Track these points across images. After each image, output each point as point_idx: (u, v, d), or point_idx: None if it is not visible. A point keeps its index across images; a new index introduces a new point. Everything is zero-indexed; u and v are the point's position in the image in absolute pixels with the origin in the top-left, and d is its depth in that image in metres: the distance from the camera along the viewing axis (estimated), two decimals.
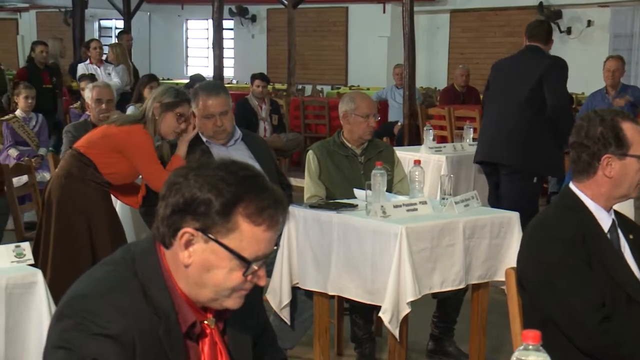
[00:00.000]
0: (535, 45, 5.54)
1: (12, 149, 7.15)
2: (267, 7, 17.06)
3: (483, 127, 5.82)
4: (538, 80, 5.34)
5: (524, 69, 5.48)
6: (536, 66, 5.40)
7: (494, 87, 5.71)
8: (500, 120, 5.50)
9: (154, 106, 4.02)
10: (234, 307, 1.68)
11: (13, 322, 2.68)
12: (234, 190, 1.59)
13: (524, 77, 5.43)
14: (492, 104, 5.71)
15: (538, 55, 5.51)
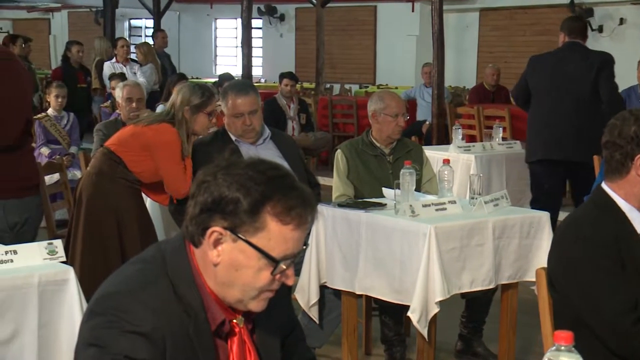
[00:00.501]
0: (577, 41, 5.53)
1: (44, 147, 7.23)
2: (296, 6, 17.07)
3: (538, 124, 5.64)
4: (596, 75, 5.34)
5: (577, 65, 5.45)
6: (590, 62, 5.39)
7: (539, 83, 5.64)
8: (565, 117, 5.44)
9: (184, 109, 4.05)
10: (258, 311, 1.68)
11: (45, 319, 2.70)
12: (262, 190, 1.59)
13: (580, 73, 5.41)
14: (543, 100, 5.63)
15: (586, 50, 5.52)
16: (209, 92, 4.15)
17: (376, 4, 16.36)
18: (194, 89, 4.12)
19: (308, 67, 15.24)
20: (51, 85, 7.64)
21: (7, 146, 3.30)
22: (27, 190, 3.42)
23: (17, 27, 20.65)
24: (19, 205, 3.36)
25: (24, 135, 3.39)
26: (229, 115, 4.13)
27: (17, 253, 2.76)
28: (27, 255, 2.78)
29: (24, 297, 2.67)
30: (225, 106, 4.13)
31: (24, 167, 3.42)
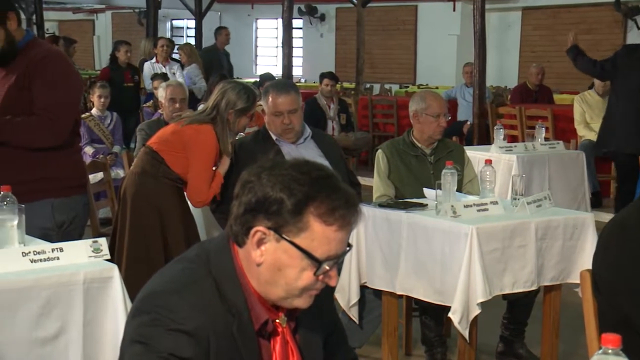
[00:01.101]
0: None
1: (88, 146, 7.33)
2: (336, 6, 17.08)
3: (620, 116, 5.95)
4: None
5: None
6: None
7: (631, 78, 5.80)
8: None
9: (229, 112, 4.06)
10: (304, 307, 1.68)
11: (90, 316, 2.74)
12: (306, 190, 1.60)
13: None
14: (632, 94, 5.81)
15: None
16: (253, 95, 4.16)
17: (417, 3, 16.30)
18: (239, 92, 4.11)
19: (348, 67, 15.24)
20: (95, 86, 7.75)
21: (57, 145, 3.36)
22: (75, 189, 3.47)
23: (63, 28, 20.98)
24: (66, 204, 3.41)
25: (72, 135, 3.45)
26: (269, 113, 4.14)
27: (63, 251, 2.80)
28: (73, 253, 2.82)
29: (70, 294, 2.70)
30: (265, 105, 4.15)
31: (72, 167, 3.48)
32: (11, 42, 3.31)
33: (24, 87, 3.31)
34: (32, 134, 3.29)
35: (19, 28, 3.37)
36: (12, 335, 2.59)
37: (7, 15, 3.29)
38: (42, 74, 3.30)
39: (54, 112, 3.30)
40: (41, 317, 2.64)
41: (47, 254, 2.77)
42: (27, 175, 3.31)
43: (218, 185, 4.04)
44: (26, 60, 3.33)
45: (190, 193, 4.06)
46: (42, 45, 3.46)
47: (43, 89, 3.30)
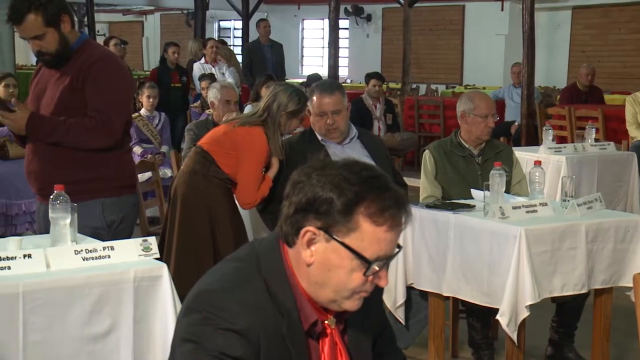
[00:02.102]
0: None
1: (137, 146, 7.42)
2: (383, 6, 17.03)
3: None
4: None
5: None
6: None
7: None
8: None
9: (280, 115, 4.08)
10: (352, 310, 1.68)
11: (140, 315, 2.77)
12: (356, 190, 1.60)
13: None
14: None
15: None
16: (304, 97, 4.17)
17: (464, 3, 16.17)
18: (291, 94, 4.11)
19: (394, 67, 15.19)
20: (143, 86, 7.85)
21: (108, 146, 3.40)
22: (125, 189, 3.51)
23: (113, 29, 21.29)
24: (116, 204, 3.45)
25: (123, 136, 3.50)
26: (314, 114, 4.15)
27: (114, 249, 2.84)
28: (124, 252, 2.86)
29: (120, 292, 2.74)
30: (311, 105, 4.16)
31: (123, 167, 3.52)
32: (65, 45, 3.36)
33: (77, 88, 3.36)
34: (86, 135, 3.34)
35: (73, 30, 3.42)
36: (64, 332, 2.64)
37: (61, 18, 3.34)
38: (95, 76, 3.35)
39: (106, 113, 3.34)
40: (93, 315, 2.69)
41: (99, 252, 2.81)
42: (79, 175, 3.36)
43: (267, 188, 4.06)
44: (79, 62, 3.38)
45: (239, 195, 4.08)
46: (95, 47, 3.51)
47: (96, 91, 3.34)
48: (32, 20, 3.28)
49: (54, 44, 3.33)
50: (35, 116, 3.35)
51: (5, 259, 2.63)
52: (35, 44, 3.36)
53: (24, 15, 3.28)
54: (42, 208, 3.44)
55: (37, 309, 2.58)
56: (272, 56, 10.97)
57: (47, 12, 3.28)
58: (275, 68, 10.59)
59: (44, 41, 3.33)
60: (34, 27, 3.30)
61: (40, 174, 3.43)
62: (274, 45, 11.14)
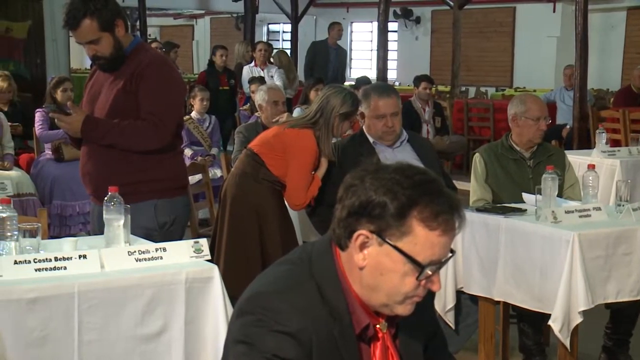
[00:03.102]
0: None
1: (187, 148, 7.50)
2: (432, 8, 16.94)
3: None
4: None
5: None
6: None
7: None
8: None
9: (334, 117, 4.09)
10: (405, 314, 1.68)
11: (191, 315, 2.80)
12: (409, 194, 1.59)
13: None
14: None
15: None
16: (356, 99, 4.18)
17: (515, 4, 15.99)
18: (344, 97, 4.12)
19: (443, 70, 15.09)
20: (195, 89, 7.93)
21: (161, 148, 3.45)
22: (176, 190, 3.55)
23: (164, 33, 21.57)
24: (168, 205, 3.49)
25: (175, 138, 3.54)
26: (371, 116, 4.14)
27: (166, 250, 2.88)
28: (175, 253, 2.89)
29: (172, 293, 2.78)
30: (367, 107, 4.15)
31: (174, 169, 3.56)
32: (119, 49, 3.42)
33: (130, 91, 3.41)
34: (138, 137, 3.39)
35: (127, 34, 3.48)
36: (118, 331, 2.68)
37: (116, 22, 3.40)
38: (148, 79, 3.40)
39: (158, 116, 3.39)
40: (145, 315, 2.73)
41: (151, 253, 2.85)
42: (132, 177, 3.40)
43: (316, 188, 4.08)
44: (133, 65, 3.43)
45: (288, 196, 4.10)
46: (148, 51, 3.56)
47: (148, 94, 3.39)
48: (88, 25, 3.35)
49: (109, 48, 3.39)
50: (90, 119, 3.41)
51: (62, 259, 2.68)
52: (90, 49, 3.42)
53: (79, 21, 3.34)
54: (96, 209, 3.49)
55: (92, 308, 2.63)
56: (336, 59, 11.02)
57: (102, 17, 3.35)
58: (336, 71, 10.65)
59: (99, 45, 3.39)
60: (89, 32, 3.36)
61: (94, 175, 3.49)
62: (339, 50, 11.21)
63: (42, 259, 2.66)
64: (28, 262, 2.63)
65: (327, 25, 11.06)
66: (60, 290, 2.60)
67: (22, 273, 2.60)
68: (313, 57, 10.93)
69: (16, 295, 2.52)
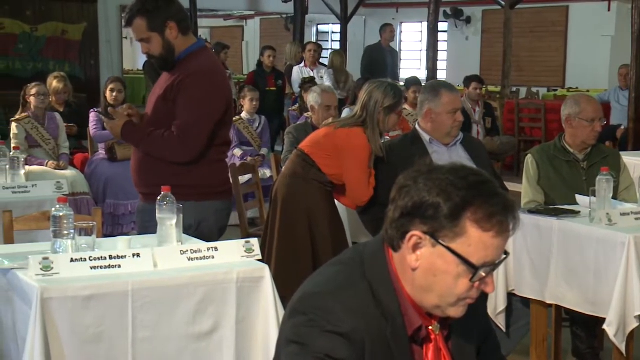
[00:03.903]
0: None
1: (237, 149, 7.56)
2: (483, 8, 16.79)
3: None
4: None
5: None
6: None
7: None
8: None
9: (378, 111, 4.08)
10: (457, 316, 1.67)
11: (242, 315, 2.82)
12: (463, 195, 1.59)
13: None
14: None
15: None
16: (399, 91, 4.20)
17: (568, 4, 15.75)
18: (386, 89, 4.13)
19: (493, 70, 14.94)
20: (245, 90, 7.99)
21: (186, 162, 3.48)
22: (204, 195, 3.53)
23: (214, 34, 21.76)
24: (193, 209, 3.41)
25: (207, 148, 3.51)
26: (442, 112, 4.12)
27: (218, 250, 2.91)
28: (227, 253, 2.92)
29: (224, 292, 2.80)
30: (438, 103, 4.11)
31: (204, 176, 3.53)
32: (169, 50, 3.49)
33: (169, 99, 3.48)
34: (164, 149, 3.47)
35: (185, 38, 3.53)
36: (171, 329, 2.71)
37: (167, 25, 3.47)
38: (186, 90, 3.44)
39: (186, 131, 3.42)
40: (197, 314, 2.76)
41: (203, 252, 2.88)
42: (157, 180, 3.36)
43: (374, 180, 4.09)
44: (177, 73, 3.49)
45: (351, 194, 4.10)
46: (197, 59, 3.54)
47: (183, 106, 3.44)
48: (138, 24, 3.48)
49: (158, 48, 3.49)
50: (128, 125, 3.52)
51: (116, 258, 2.73)
52: (143, 46, 3.56)
53: (132, 19, 3.49)
54: (139, 206, 3.67)
55: (145, 306, 2.67)
56: (391, 61, 11.06)
57: (152, 18, 3.45)
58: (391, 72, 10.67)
59: (150, 44, 3.50)
60: (139, 31, 3.49)
61: (134, 174, 3.64)
62: (392, 50, 11.24)
63: (97, 257, 2.71)
64: (84, 260, 2.68)
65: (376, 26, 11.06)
66: (114, 288, 2.64)
67: (78, 271, 2.66)
68: (370, 60, 10.92)
69: (72, 293, 2.57)
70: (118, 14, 11.00)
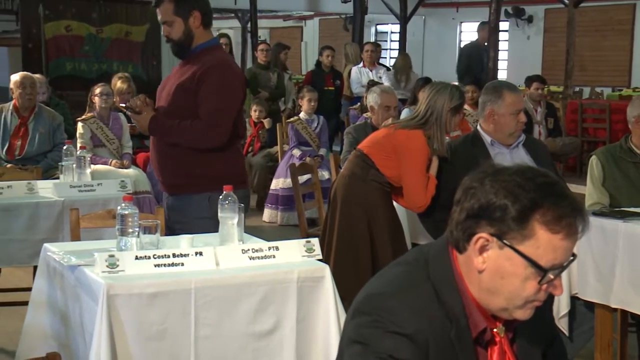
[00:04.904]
0: None
1: (296, 149, 7.60)
2: (546, 7, 16.53)
3: None
4: None
5: None
6: None
7: None
8: None
9: (445, 111, 4.06)
10: (524, 319, 1.65)
11: (303, 314, 2.83)
12: (531, 197, 1.57)
13: None
14: None
15: None
16: (462, 92, 4.19)
17: (635, 2, 15.41)
18: (451, 91, 4.10)
19: (556, 70, 14.70)
20: (303, 90, 8.03)
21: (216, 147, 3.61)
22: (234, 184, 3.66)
23: (274, 35, 21.91)
24: None
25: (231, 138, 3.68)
26: (505, 113, 4.07)
27: (279, 249, 2.93)
28: (288, 252, 2.93)
29: (285, 292, 2.82)
30: (501, 104, 4.07)
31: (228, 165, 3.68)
32: (188, 37, 3.65)
33: (190, 90, 3.60)
34: (196, 137, 3.58)
35: (205, 31, 3.68)
36: (232, 328, 2.74)
37: (192, 13, 3.63)
38: (209, 82, 3.58)
39: (216, 118, 3.57)
40: (258, 312, 2.78)
41: (264, 252, 2.90)
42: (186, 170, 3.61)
43: (433, 187, 4.06)
44: (198, 65, 3.62)
45: (408, 199, 4.09)
46: (215, 53, 3.73)
47: (209, 95, 3.57)
48: (166, 6, 3.64)
49: (179, 33, 3.64)
50: (155, 119, 3.63)
51: (179, 256, 2.77)
52: (165, 29, 3.69)
53: (161, 1, 3.64)
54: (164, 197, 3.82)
55: (208, 304, 2.70)
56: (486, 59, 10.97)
57: (180, 3, 3.61)
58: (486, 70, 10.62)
59: (172, 28, 3.65)
60: (165, 13, 3.64)
61: (157, 165, 3.75)
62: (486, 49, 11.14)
63: (161, 255, 2.75)
64: (148, 258, 2.73)
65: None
66: (178, 286, 2.68)
67: (142, 268, 2.70)
68: (467, 60, 10.83)
69: (137, 290, 2.61)
70: None
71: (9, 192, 4.11)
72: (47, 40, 9.60)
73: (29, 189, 4.19)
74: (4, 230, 3.95)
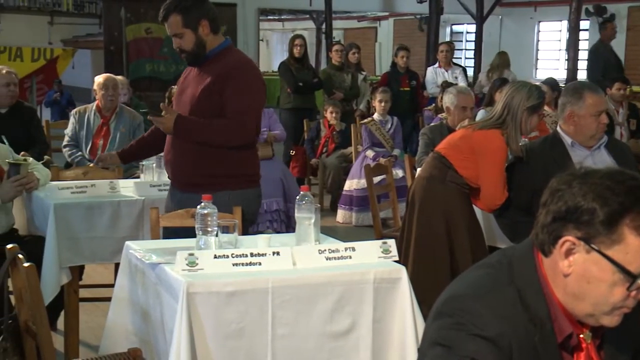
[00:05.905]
0: None
1: (369, 150, 7.58)
2: (629, 5, 16.10)
3: None
4: None
5: None
6: None
7: None
8: None
9: (522, 111, 3.99)
10: (611, 326, 1.60)
11: (379, 315, 2.82)
12: (621, 201, 1.52)
13: None
14: None
15: None
16: (542, 92, 4.09)
17: None
18: (529, 90, 4.02)
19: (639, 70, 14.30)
20: (376, 91, 8.00)
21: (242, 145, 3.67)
22: (247, 182, 3.75)
23: (347, 35, 21.94)
24: (240, 196, 3.67)
25: None
26: (586, 114, 3.99)
27: (355, 250, 2.92)
28: (364, 253, 2.92)
29: (361, 292, 2.81)
30: (582, 105, 3.99)
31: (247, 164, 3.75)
32: (200, 46, 3.68)
33: (214, 91, 3.63)
34: (224, 135, 3.62)
35: (215, 35, 3.72)
36: (309, 327, 2.75)
37: (200, 22, 3.66)
38: (234, 81, 3.61)
39: (242, 116, 3.60)
40: (335, 313, 2.78)
41: (341, 252, 2.90)
42: (207, 169, 3.64)
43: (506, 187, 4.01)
44: (219, 66, 3.65)
45: (485, 198, 4.03)
46: (235, 53, 3.78)
47: (234, 95, 3.61)
48: (174, 19, 3.67)
49: (190, 44, 3.68)
50: (180, 119, 3.64)
51: (257, 255, 2.79)
52: (175, 41, 3.73)
53: (168, 15, 3.68)
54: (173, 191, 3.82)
55: (285, 304, 2.71)
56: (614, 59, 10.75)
57: (187, 15, 3.64)
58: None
59: (182, 40, 3.68)
60: (174, 26, 3.68)
61: (173, 164, 3.77)
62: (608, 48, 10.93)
63: (239, 254, 2.78)
64: (226, 257, 2.76)
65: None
66: (255, 285, 2.70)
67: (221, 267, 2.73)
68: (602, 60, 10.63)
69: (216, 288, 2.65)
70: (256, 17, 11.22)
71: (92, 191, 4.21)
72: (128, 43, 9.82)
73: (111, 188, 4.28)
74: (88, 228, 4.05)
